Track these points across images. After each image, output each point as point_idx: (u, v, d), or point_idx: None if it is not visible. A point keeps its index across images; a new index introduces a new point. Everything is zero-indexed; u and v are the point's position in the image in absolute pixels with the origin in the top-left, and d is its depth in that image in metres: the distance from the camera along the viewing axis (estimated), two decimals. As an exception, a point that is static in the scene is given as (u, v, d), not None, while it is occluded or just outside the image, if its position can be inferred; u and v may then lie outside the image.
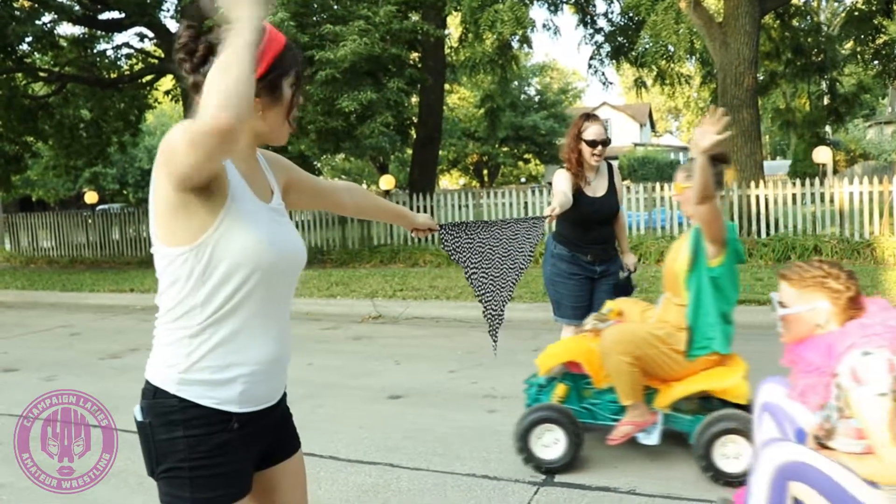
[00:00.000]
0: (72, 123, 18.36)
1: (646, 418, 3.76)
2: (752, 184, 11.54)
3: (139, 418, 1.69)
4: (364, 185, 45.40)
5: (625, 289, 5.01)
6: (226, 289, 1.63)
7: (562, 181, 4.54)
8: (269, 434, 1.83)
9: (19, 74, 17.36)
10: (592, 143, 4.56)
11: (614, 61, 18.57)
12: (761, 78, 16.64)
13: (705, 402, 3.86)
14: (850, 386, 2.43)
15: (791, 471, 2.48)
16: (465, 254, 2.70)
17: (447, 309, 8.54)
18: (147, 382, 1.70)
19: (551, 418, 3.78)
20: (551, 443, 3.79)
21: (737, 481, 3.44)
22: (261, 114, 1.72)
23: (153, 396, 1.67)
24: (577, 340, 4.07)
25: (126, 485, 3.93)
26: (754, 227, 11.47)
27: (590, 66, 19.00)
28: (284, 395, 1.90)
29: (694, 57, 18.25)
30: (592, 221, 4.66)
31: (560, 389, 4.01)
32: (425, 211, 13.83)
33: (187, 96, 1.66)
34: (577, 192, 4.57)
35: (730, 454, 3.56)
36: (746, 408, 3.62)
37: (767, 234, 11.34)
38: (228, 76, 1.41)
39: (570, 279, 4.72)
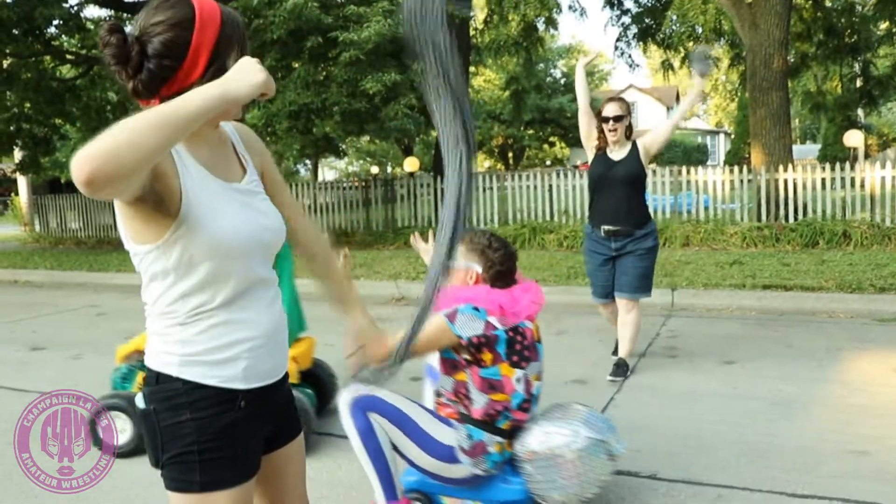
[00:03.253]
0: (98, 105, 18.46)
1: None
2: (781, 168, 11.37)
3: (142, 406, 1.66)
4: (389, 168, 45.39)
5: None
6: (205, 283, 1.59)
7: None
8: (275, 415, 1.80)
9: (47, 57, 17.48)
10: (604, 119, 5.03)
11: (641, 43, 18.36)
12: (791, 60, 16.35)
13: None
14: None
15: (364, 403, 2.83)
16: None
17: (470, 291, 8.51)
18: (148, 370, 1.67)
19: (118, 406, 3.95)
20: (120, 430, 3.96)
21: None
22: None
23: (156, 382, 1.64)
24: None
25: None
26: (782, 212, 11.31)
27: (616, 47, 18.82)
28: (287, 376, 1.86)
29: (723, 39, 17.99)
30: (605, 181, 5.08)
31: (140, 377, 4.15)
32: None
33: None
34: (602, 154, 5.12)
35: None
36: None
37: (795, 218, 11.18)
38: (124, 135, 1.26)
39: (593, 257, 5.21)
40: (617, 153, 5.08)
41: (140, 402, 1.67)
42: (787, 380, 4.87)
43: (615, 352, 5.37)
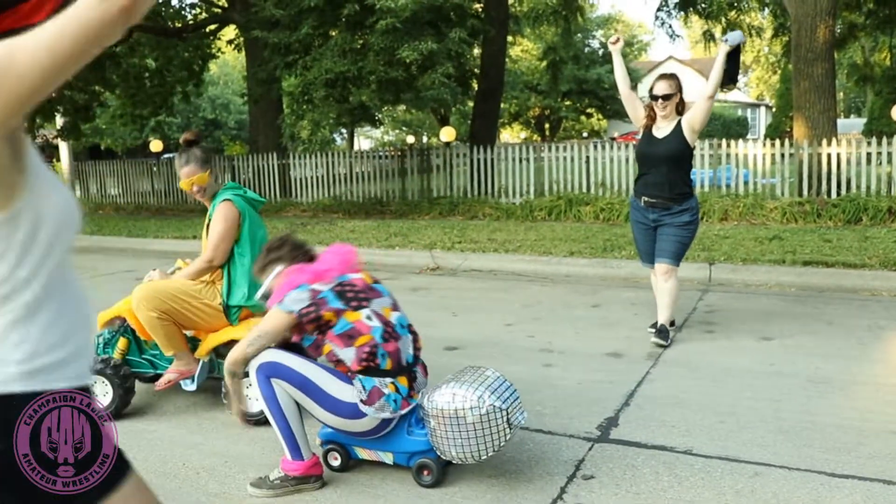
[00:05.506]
0: (137, 73, 18.62)
1: (190, 367, 4.14)
2: (824, 141, 11.11)
3: None
4: (424, 138, 45.26)
5: None
6: (49, 255, 1.33)
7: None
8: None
9: (88, 23, 17.60)
10: (653, 98, 5.21)
11: (682, 13, 17.99)
12: (838, 30, 15.90)
13: None
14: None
15: (267, 369, 3.06)
16: None
17: (505, 262, 8.48)
18: None
19: (97, 370, 4.03)
20: (101, 394, 4.06)
21: (253, 420, 3.72)
22: None
23: None
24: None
25: (185, 425, 4.03)
26: (824, 187, 11.06)
27: (657, 17, 18.47)
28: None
29: (767, 8, 17.56)
30: (647, 158, 5.25)
31: (122, 343, 4.25)
32: (485, 165, 13.68)
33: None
34: (647, 131, 5.27)
35: (251, 396, 3.83)
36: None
37: (838, 194, 10.94)
38: None
39: (635, 225, 5.44)
40: (662, 130, 5.20)
41: None
42: (826, 357, 4.79)
43: (654, 325, 5.36)
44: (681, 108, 5.21)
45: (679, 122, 5.14)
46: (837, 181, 11.01)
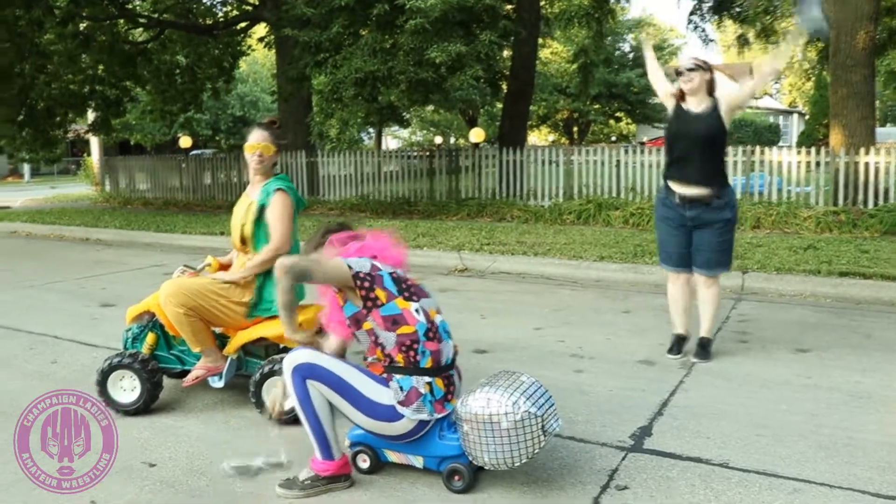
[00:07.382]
0: (168, 69, 18.77)
1: (217, 364, 4.11)
2: (862, 150, 10.90)
3: None
4: (452, 139, 45.24)
5: None
6: None
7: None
8: None
9: (121, 21, 17.77)
10: (677, 72, 4.76)
11: (716, 17, 17.77)
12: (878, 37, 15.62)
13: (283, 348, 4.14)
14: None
15: (304, 370, 3.04)
16: None
17: (534, 265, 8.40)
18: None
19: (126, 364, 4.05)
20: (129, 388, 4.07)
21: (285, 417, 3.65)
22: None
23: None
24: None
25: (213, 422, 4.00)
26: (861, 196, 10.86)
27: (689, 21, 18.26)
28: None
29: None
30: (681, 138, 4.77)
31: (150, 338, 4.22)
32: (514, 167, 13.60)
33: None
34: (677, 106, 4.82)
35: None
36: None
37: (875, 204, 10.73)
38: None
39: (664, 223, 4.94)
40: (696, 107, 4.76)
41: None
42: (865, 372, 4.66)
43: (671, 350, 5.07)
44: (711, 90, 4.75)
45: (715, 101, 4.73)
46: (875, 191, 10.80)
